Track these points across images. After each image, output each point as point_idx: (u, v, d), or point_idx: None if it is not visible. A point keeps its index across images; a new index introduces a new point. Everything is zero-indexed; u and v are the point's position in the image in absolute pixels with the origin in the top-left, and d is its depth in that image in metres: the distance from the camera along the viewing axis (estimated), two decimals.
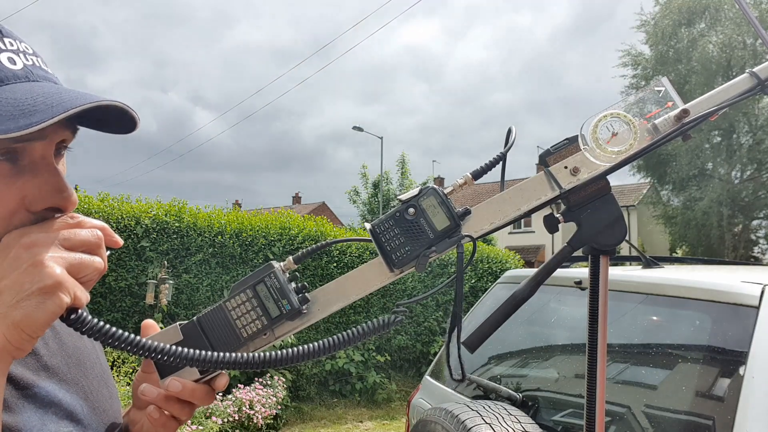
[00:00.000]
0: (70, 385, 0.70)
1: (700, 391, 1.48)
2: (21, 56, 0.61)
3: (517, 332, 2.35)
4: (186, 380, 0.67)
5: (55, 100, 0.56)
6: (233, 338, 0.67)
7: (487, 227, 0.70)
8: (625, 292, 1.82)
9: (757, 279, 1.54)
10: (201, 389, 0.67)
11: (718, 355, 1.51)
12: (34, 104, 0.55)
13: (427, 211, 0.68)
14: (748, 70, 0.72)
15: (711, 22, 19.88)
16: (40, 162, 0.60)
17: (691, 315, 1.66)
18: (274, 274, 0.68)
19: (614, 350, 1.78)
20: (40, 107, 0.55)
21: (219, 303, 0.69)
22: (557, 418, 1.86)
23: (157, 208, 6.02)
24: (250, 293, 0.68)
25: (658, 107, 0.72)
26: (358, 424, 6.08)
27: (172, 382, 0.66)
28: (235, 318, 0.68)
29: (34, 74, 0.61)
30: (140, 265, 5.71)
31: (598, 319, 0.76)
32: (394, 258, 0.67)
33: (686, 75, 19.86)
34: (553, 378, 2.05)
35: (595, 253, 0.75)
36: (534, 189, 0.71)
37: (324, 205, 39.76)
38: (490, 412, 1.75)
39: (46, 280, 0.52)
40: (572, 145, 0.72)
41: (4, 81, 0.58)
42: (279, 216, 6.92)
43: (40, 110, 0.55)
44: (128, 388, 4.39)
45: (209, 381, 0.68)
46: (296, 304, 0.67)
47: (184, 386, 0.66)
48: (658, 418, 1.56)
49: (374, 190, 22.87)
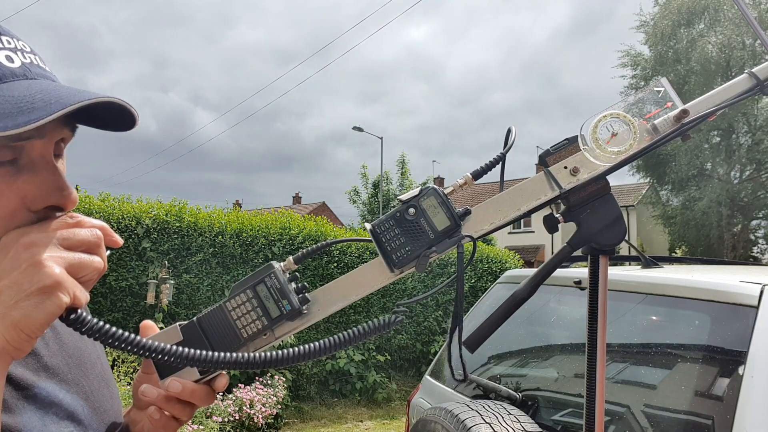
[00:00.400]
0: (70, 385, 0.70)
1: (699, 390, 1.48)
2: (19, 54, 0.61)
3: (516, 332, 2.35)
4: (186, 381, 0.66)
5: (53, 97, 0.56)
6: (233, 339, 0.67)
7: (487, 227, 0.70)
8: (624, 292, 1.83)
9: (756, 279, 1.54)
10: (201, 390, 0.67)
11: (717, 354, 1.51)
12: (32, 102, 0.55)
13: (428, 212, 0.68)
14: (747, 70, 0.72)
15: (710, 22, 19.87)
16: (40, 160, 0.60)
17: (690, 315, 1.66)
18: (274, 274, 0.68)
19: (614, 350, 1.78)
20: (38, 104, 0.55)
21: (219, 303, 0.68)
22: (557, 418, 1.86)
23: (158, 208, 6.02)
24: (250, 293, 0.68)
25: (658, 107, 0.72)
26: (358, 423, 6.08)
27: (172, 382, 0.65)
28: (235, 318, 0.68)
29: (32, 72, 0.61)
30: (141, 265, 5.71)
31: (598, 319, 0.77)
32: (395, 258, 0.67)
33: (685, 75, 19.86)
34: (553, 378, 2.05)
35: (594, 253, 0.76)
36: (534, 189, 0.71)
37: (324, 205, 39.74)
38: (490, 412, 1.75)
39: (45, 279, 0.52)
40: (572, 146, 0.72)
41: (2, 79, 0.58)
42: (279, 216, 6.92)
43: (38, 107, 0.54)
44: (128, 387, 4.39)
45: (209, 381, 0.68)
46: (296, 304, 0.67)
47: (184, 387, 0.65)
48: (658, 418, 1.56)
49: (374, 190, 22.86)
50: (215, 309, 0.68)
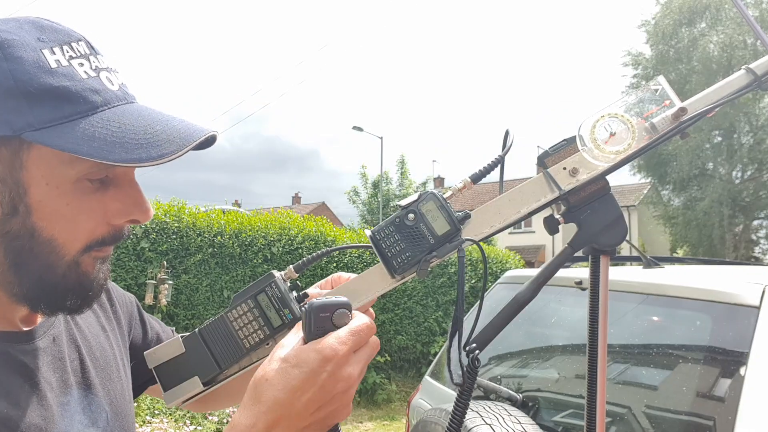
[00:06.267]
0: (97, 389, 0.71)
1: (700, 391, 1.48)
2: (113, 75, 0.61)
3: (517, 333, 2.34)
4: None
5: (173, 129, 0.59)
6: (236, 349, 0.67)
7: (488, 230, 0.70)
8: (625, 293, 1.82)
9: (757, 279, 1.53)
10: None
11: (718, 355, 1.51)
12: (153, 133, 0.57)
13: (427, 216, 0.67)
14: (744, 66, 0.71)
15: (712, 21, 19.85)
16: (124, 178, 0.62)
17: (691, 315, 1.66)
18: (275, 283, 0.68)
19: (615, 351, 1.77)
20: (162, 138, 0.57)
21: (220, 314, 0.69)
22: (558, 419, 1.86)
23: (157, 208, 6.01)
24: (251, 303, 0.68)
25: (656, 106, 0.71)
26: (357, 425, 6.08)
27: None
28: (237, 329, 0.68)
29: (128, 95, 0.62)
30: (139, 266, 5.70)
31: (599, 320, 0.76)
32: (395, 264, 0.67)
33: (687, 75, 19.83)
34: (554, 378, 2.05)
35: (595, 253, 0.75)
36: (533, 191, 0.71)
37: (324, 206, 39.75)
38: (491, 413, 1.75)
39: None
40: (570, 146, 0.72)
41: (109, 103, 0.58)
42: (278, 216, 6.91)
43: (164, 141, 0.57)
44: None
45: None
46: (298, 313, 0.67)
47: None
48: (659, 419, 1.56)
49: (374, 191, 22.86)
50: (217, 320, 0.69)
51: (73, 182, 0.58)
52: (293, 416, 0.54)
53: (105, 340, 0.77)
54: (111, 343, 0.78)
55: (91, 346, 0.74)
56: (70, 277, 0.60)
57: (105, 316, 0.81)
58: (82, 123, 0.55)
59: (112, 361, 0.76)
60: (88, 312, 0.77)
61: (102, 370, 0.73)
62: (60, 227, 0.58)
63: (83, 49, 0.59)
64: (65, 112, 0.55)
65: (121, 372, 0.78)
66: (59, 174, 0.57)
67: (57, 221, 0.58)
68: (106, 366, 0.75)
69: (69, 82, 0.56)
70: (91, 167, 0.57)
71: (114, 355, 0.78)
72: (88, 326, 0.76)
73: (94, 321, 0.77)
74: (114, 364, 0.76)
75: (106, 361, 0.75)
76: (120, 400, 0.74)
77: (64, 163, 0.57)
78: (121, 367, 0.79)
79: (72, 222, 0.59)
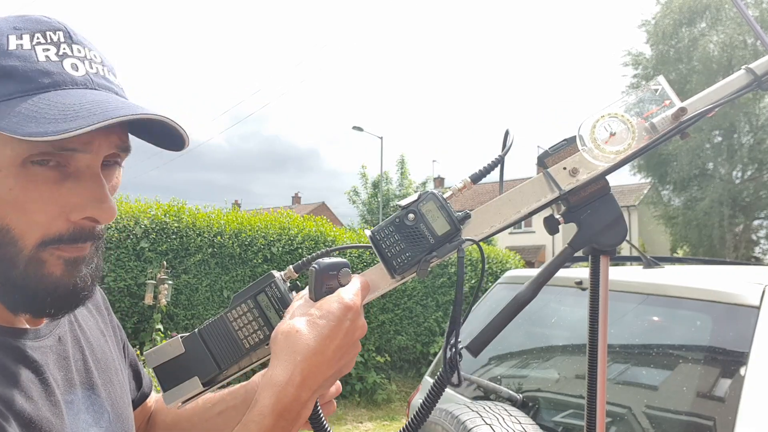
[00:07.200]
0: (99, 390, 0.71)
1: (701, 391, 1.47)
2: (86, 63, 0.60)
3: (517, 333, 2.34)
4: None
5: (100, 108, 0.55)
6: (235, 349, 0.67)
7: (488, 231, 0.70)
8: (625, 293, 1.82)
9: (758, 279, 1.53)
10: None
11: (719, 355, 1.50)
12: (77, 110, 0.54)
13: (427, 216, 0.67)
14: (744, 66, 0.71)
15: (712, 21, 19.84)
16: (86, 170, 0.59)
17: (692, 315, 1.66)
18: (275, 283, 0.68)
19: (615, 351, 1.77)
20: (82, 113, 0.54)
21: (220, 314, 0.69)
22: (558, 419, 1.86)
23: (156, 208, 6.00)
24: (251, 303, 0.68)
25: (656, 106, 0.71)
26: (357, 425, 6.08)
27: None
28: (236, 329, 0.68)
29: (94, 82, 0.60)
30: (139, 266, 5.70)
31: (599, 320, 0.76)
32: (395, 264, 0.67)
33: (687, 75, 19.81)
34: (554, 378, 2.05)
35: (595, 253, 0.75)
36: (533, 191, 0.71)
37: (324, 206, 39.75)
38: (491, 413, 1.75)
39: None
40: (570, 146, 0.72)
41: (60, 85, 0.57)
42: (278, 216, 6.91)
43: (82, 116, 0.53)
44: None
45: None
46: None
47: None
48: (659, 419, 1.56)
49: (374, 191, 22.85)
50: (216, 320, 0.68)
51: (17, 166, 0.55)
52: (324, 364, 0.59)
53: (105, 343, 0.77)
54: (110, 347, 0.78)
55: (94, 348, 0.74)
56: (32, 276, 0.58)
57: (103, 321, 0.81)
58: (23, 102, 0.54)
59: (112, 364, 0.76)
60: (88, 315, 0.77)
61: (104, 372, 0.73)
62: (11, 216, 0.56)
63: (58, 37, 0.59)
64: (8, 90, 0.55)
65: (120, 376, 0.78)
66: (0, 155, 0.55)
67: (3, 208, 0.56)
68: (107, 369, 0.75)
69: (19, 62, 0.55)
70: (31, 148, 0.55)
71: (114, 359, 0.78)
72: (90, 329, 0.76)
73: (94, 325, 0.78)
74: (114, 368, 0.76)
75: (107, 364, 0.75)
76: (120, 402, 0.74)
77: (2, 142, 0.55)
78: (120, 371, 0.79)
79: (21, 211, 0.56)
